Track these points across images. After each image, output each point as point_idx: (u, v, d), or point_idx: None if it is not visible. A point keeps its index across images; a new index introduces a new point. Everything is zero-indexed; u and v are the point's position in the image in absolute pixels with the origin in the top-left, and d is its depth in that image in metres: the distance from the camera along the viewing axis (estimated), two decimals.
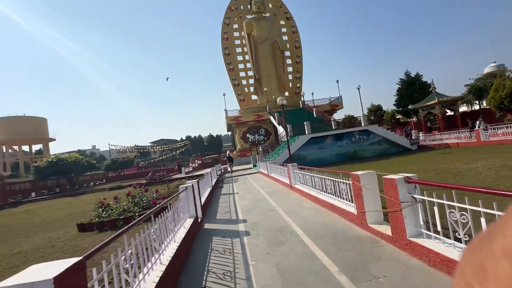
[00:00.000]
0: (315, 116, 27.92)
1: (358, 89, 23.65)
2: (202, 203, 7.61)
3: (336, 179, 5.95)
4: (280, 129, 26.33)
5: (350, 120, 24.87)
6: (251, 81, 39.35)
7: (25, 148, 48.54)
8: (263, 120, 33.49)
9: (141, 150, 62.72)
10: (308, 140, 20.85)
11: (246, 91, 39.85)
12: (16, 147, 46.59)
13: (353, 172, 4.89)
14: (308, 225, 5.48)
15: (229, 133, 48.22)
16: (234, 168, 25.58)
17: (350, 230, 4.83)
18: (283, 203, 8.04)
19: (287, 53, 40.01)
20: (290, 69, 40.56)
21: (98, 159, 53.76)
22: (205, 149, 77.23)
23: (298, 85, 40.65)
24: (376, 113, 39.74)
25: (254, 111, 34.80)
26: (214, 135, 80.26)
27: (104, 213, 8.64)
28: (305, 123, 22.35)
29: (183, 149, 62.26)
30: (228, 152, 29.34)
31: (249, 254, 4.39)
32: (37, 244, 7.30)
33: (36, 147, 50.87)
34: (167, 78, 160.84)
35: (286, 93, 37.94)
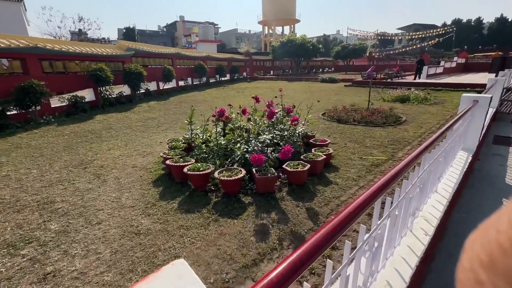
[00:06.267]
0: None
1: None
2: None
3: None
4: None
5: None
6: None
7: (280, 29, 54.85)
8: None
9: (382, 37, 51.20)
10: None
11: None
12: (272, 28, 53.51)
13: None
14: None
15: None
16: None
17: None
18: None
19: None
20: None
21: (332, 45, 50.96)
22: (482, 42, 50.26)
23: None
24: None
25: None
26: (509, 19, 47.88)
27: (196, 151, 4.40)
28: None
29: (440, 39, 42.95)
30: None
31: None
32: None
33: (287, 30, 55.58)
34: None
35: None
